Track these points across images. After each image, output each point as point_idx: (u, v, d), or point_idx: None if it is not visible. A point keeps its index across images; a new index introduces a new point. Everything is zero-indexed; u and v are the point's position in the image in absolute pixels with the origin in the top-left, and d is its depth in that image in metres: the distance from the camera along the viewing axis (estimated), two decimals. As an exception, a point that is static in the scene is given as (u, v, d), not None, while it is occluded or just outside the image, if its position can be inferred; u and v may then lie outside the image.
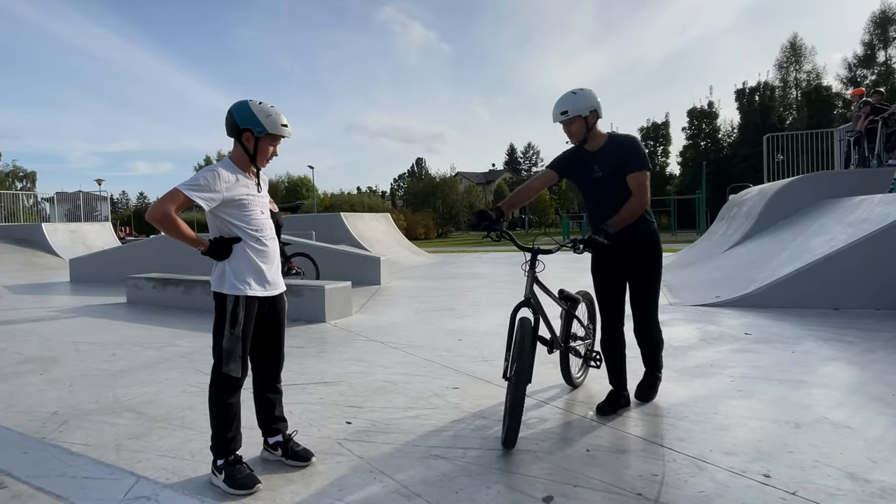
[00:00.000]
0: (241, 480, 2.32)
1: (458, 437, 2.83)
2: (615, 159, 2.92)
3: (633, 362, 3.28)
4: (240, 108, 2.41)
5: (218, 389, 2.45)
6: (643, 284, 3.08)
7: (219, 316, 2.44)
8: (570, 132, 2.95)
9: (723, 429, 2.84)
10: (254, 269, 2.45)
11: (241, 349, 2.42)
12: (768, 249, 7.94)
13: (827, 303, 6.03)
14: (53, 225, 17.95)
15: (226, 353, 2.41)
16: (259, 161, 2.48)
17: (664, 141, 53.25)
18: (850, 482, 2.24)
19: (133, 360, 4.59)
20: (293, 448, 2.59)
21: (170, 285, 7.57)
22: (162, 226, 2.28)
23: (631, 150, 2.92)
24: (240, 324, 2.40)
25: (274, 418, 2.65)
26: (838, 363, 4.02)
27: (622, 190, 2.90)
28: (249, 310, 2.43)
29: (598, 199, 3.02)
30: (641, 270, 3.06)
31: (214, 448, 2.41)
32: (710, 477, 2.32)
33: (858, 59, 40.67)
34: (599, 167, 2.95)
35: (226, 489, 2.31)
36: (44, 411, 3.36)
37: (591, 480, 2.32)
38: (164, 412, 3.30)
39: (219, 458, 2.39)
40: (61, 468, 2.57)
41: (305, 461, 2.55)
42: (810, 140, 13.22)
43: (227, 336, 2.41)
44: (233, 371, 2.42)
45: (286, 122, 2.48)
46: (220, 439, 2.41)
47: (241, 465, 2.38)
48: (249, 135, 2.41)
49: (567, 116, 2.88)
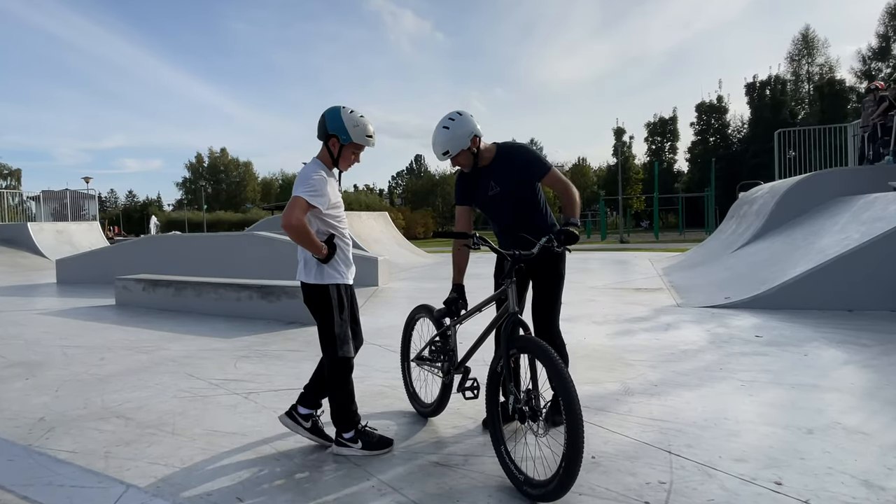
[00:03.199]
0: (378, 442, 2.71)
1: (458, 443, 2.84)
2: (510, 172, 2.89)
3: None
4: (332, 114, 2.66)
5: (341, 373, 2.72)
6: (552, 289, 2.97)
7: (324, 306, 2.72)
8: (458, 164, 2.91)
9: (733, 434, 2.84)
10: (345, 261, 2.79)
11: (349, 331, 2.75)
12: (779, 249, 7.94)
13: (840, 304, 6.03)
14: (39, 224, 17.96)
15: (339, 338, 2.71)
16: (342, 165, 2.74)
17: (672, 137, 53.32)
18: (864, 490, 2.24)
19: (122, 365, 4.59)
20: (320, 427, 2.88)
21: (160, 287, 7.57)
22: (296, 233, 2.52)
23: (526, 159, 2.90)
24: (346, 307, 2.75)
25: (321, 393, 2.90)
26: (852, 366, 4.02)
27: (521, 201, 2.93)
28: (350, 294, 2.81)
29: (501, 215, 3.00)
30: (552, 276, 2.96)
31: (342, 423, 2.73)
32: (720, 484, 2.32)
33: (873, 51, 40.70)
34: (496, 182, 2.92)
35: (366, 454, 2.67)
36: (30, 417, 3.37)
37: (596, 488, 2.32)
38: (155, 418, 3.31)
39: (347, 431, 2.72)
40: (48, 476, 2.57)
41: (329, 443, 2.81)
42: (823, 136, 13.22)
43: (337, 322, 2.71)
44: (348, 352, 2.73)
45: (371, 133, 2.71)
46: (348, 413, 2.73)
47: (371, 431, 2.76)
48: (336, 140, 2.66)
49: (450, 156, 2.84)
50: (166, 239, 12.16)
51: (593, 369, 4.12)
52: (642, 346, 4.80)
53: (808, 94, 45.30)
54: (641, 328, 5.56)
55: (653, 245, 22.57)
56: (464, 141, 2.80)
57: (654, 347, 4.75)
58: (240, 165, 68.68)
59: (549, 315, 2.97)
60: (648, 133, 54.07)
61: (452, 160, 2.88)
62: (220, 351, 5.02)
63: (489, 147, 2.94)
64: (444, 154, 2.84)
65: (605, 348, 4.76)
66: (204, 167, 67.84)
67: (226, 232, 20.62)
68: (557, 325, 3.03)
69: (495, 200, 2.95)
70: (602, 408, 3.29)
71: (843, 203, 8.00)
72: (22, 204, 22.81)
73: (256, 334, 5.71)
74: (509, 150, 2.93)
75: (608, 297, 7.69)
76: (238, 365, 4.51)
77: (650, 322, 5.87)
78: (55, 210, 21.61)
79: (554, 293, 2.98)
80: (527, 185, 2.92)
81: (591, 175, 63.37)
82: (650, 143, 54.13)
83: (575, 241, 2.67)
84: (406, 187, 67.28)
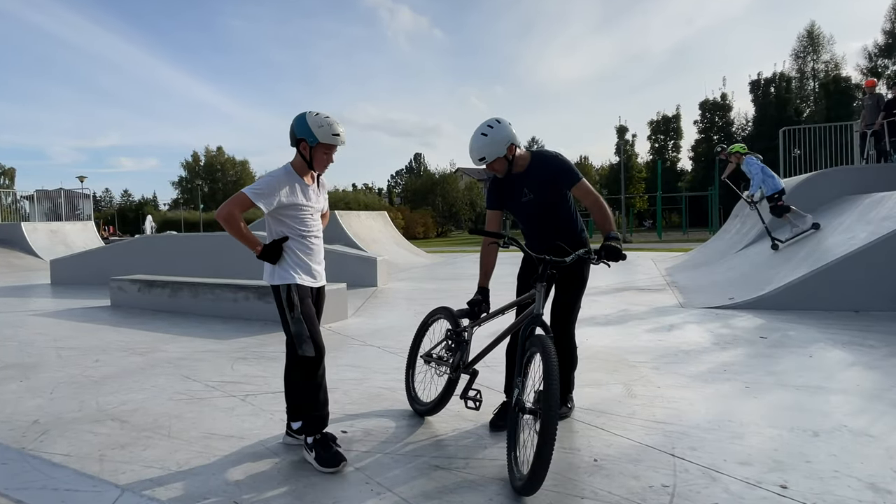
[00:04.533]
0: (329, 458, 2.62)
1: (459, 446, 2.84)
2: (543, 180, 3.00)
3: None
4: (298, 121, 2.76)
5: (300, 373, 2.74)
6: (575, 293, 3.07)
7: (278, 306, 2.77)
8: (493, 170, 3.02)
9: (737, 437, 2.84)
10: (300, 263, 2.80)
11: (307, 330, 2.72)
12: (784, 249, 7.95)
13: (846, 305, 6.03)
14: (33, 224, 17.96)
15: (296, 336, 2.72)
16: (316, 167, 2.83)
17: (675, 135, 53.23)
18: (871, 493, 2.24)
19: (117, 366, 4.59)
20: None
21: (156, 287, 7.57)
22: (226, 224, 2.66)
23: (559, 167, 2.99)
24: (296, 306, 2.73)
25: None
26: (858, 368, 4.02)
27: (554, 208, 3.04)
28: (303, 295, 2.76)
29: (533, 220, 3.10)
30: (577, 280, 3.05)
31: (304, 427, 2.73)
32: (724, 488, 2.32)
33: (879, 48, 40.64)
34: (529, 189, 3.03)
35: (315, 467, 2.61)
36: (24, 420, 3.36)
37: (599, 492, 2.32)
38: (151, 421, 3.30)
39: (308, 435, 2.70)
40: (42, 480, 2.57)
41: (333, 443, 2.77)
42: (829, 134, 13.22)
43: (290, 321, 2.73)
44: (307, 352, 2.71)
45: (338, 132, 2.76)
46: (307, 418, 2.72)
47: (329, 444, 2.69)
48: (305, 144, 2.76)
49: (486, 161, 2.94)
50: (162, 239, 12.16)
51: (596, 371, 4.12)
52: (645, 348, 4.80)
53: (814, 92, 45.24)
54: (644, 329, 5.56)
55: (656, 245, 22.58)
56: (500, 148, 2.90)
57: (657, 349, 4.75)
58: (236, 164, 68.64)
59: (567, 317, 3.10)
60: (651, 131, 53.98)
61: (488, 166, 2.99)
62: (216, 353, 5.02)
63: (524, 154, 3.03)
64: (480, 160, 2.94)
65: (607, 350, 4.77)
66: (200, 166, 67.76)
67: (222, 232, 20.59)
68: (573, 327, 3.14)
69: (528, 206, 3.06)
70: (604, 410, 3.29)
71: (849, 202, 8.00)
72: (15, 203, 22.83)
73: (254, 336, 5.71)
74: (543, 158, 3.04)
75: (610, 298, 7.69)
76: (235, 367, 4.51)
77: (653, 323, 5.87)
78: (49, 210, 21.63)
79: (575, 297, 3.09)
80: (558, 192, 3.02)
81: (593, 174, 63.31)
82: (653, 142, 54.06)
83: (618, 257, 2.65)
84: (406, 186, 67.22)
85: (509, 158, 2.95)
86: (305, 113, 2.77)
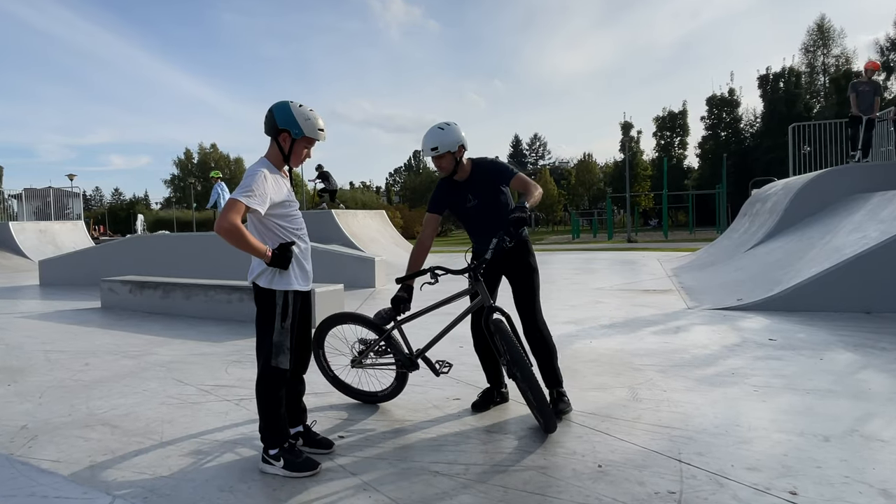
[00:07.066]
0: (302, 463, 2.61)
1: (459, 452, 2.84)
2: (485, 184, 3.34)
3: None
4: (281, 109, 2.66)
5: (269, 383, 2.67)
6: (527, 282, 3.37)
7: (267, 311, 2.67)
8: (439, 166, 3.31)
9: (745, 442, 2.84)
10: (299, 266, 2.73)
11: (289, 342, 2.69)
12: (794, 248, 7.94)
13: (858, 306, 6.03)
14: (21, 224, 17.97)
15: (276, 346, 2.66)
16: (293, 161, 2.74)
17: (681, 132, 53.30)
18: (883, 499, 2.24)
19: (108, 370, 4.59)
20: (314, 437, 2.89)
21: (147, 289, 7.57)
22: (230, 237, 2.47)
23: (495, 169, 3.36)
24: (290, 317, 2.68)
25: (299, 409, 2.91)
26: (870, 371, 4.02)
27: (496, 210, 3.31)
28: (296, 304, 2.72)
29: (477, 223, 3.41)
30: (524, 270, 3.36)
31: (268, 439, 2.65)
32: (733, 494, 2.32)
33: (891, 41, 40.71)
34: (473, 195, 3.35)
35: (286, 475, 2.58)
36: (12, 425, 3.37)
37: (603, 498, 2.32)
38: (142, 426, 3.31)
39: (272, 447, 2.64)
40: (30, 487, 2.57)
41: (328, 448, 2.85)
42: (839, 130, 13.22)
43: (277, 330, 2.66)
44: (282, 364, 2.67)
45: (323, 127, 2.74)
46: (274, 429, 2.66)
47: (297, 450, 2.68)
48: (287, 136, 2.67)
49: (437, 152, 3.23)
50: (154, 239, 12.16)
51: (600, 374, 4.12)
52: (651, 350, 4.80)
53: (824, 87, 45.27)
54: (650, 331, 5.57)
55: (662, 244, 22.59)
56: (452, 145, 3.23)
57: (664, 351, 4.75)
58: (230, 162, 68.65)
59: (530, 307, 3.36)
60: (657, 128, 54.05)
61: (435, 160, 3.30)
62: (210, 355, 5.02)
63: (467, 163, 3.36)
64: (433, 149, 3.23)
65: (612, 352, 4.77)
66: (193, 164, 67.77)
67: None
68: (540, 316, 3.40)
69: (473, 211, 3.38)
70: (609, 415, 3.29)
71: (861, 200, 7.99)
72: (3, 202, 22.81)
73: (248, 338, 5.70)
74: (482, 165, 3.39)
75: (615, 299, 7.69)
76: (229, 370, 4.51)
77: (659, 325, 5.87)
78: (38, 209, 21.62)
79: (529, 285, 3.37)
80: (499, 192, 3.35)
81: (597, 172, 63.31)
82: (659, 139, 54.13)
83: (522, 224, 2.97)
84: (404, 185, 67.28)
85: (457, 159, 3.26)
86: (288, 102, 2.67)
